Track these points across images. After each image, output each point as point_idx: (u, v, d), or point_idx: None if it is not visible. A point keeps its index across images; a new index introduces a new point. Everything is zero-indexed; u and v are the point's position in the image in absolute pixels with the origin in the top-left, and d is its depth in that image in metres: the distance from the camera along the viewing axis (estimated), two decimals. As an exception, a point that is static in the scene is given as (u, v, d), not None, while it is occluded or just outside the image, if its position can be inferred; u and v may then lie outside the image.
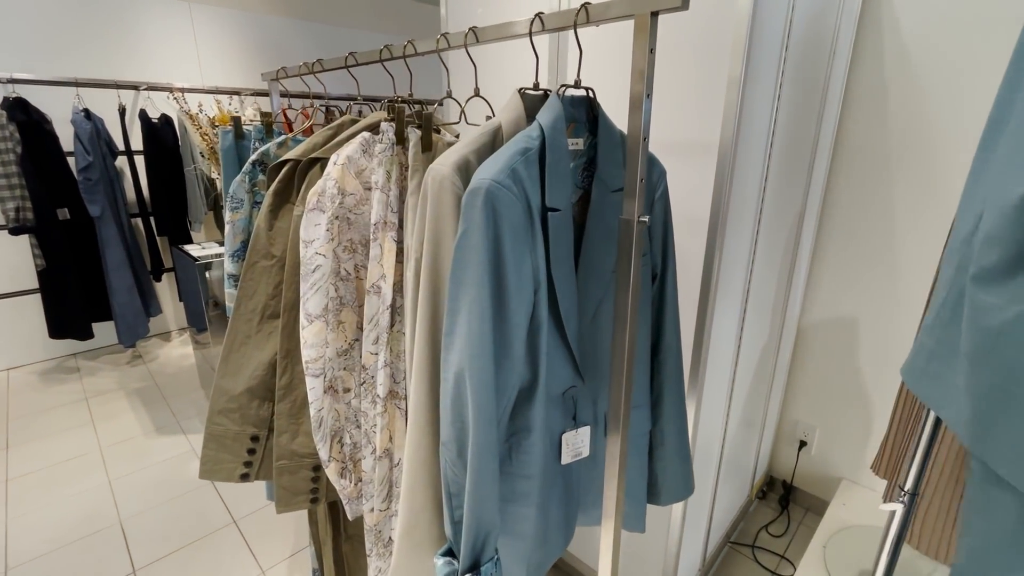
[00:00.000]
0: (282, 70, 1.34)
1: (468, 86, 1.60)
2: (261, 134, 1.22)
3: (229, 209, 1.13)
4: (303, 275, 0.85)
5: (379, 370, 0.86)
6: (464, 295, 0.63)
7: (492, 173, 0.61)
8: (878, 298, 1.76)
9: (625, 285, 0.73)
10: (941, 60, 1.50)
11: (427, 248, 0.69)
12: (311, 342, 0.87)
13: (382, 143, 0.83)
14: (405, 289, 0.85)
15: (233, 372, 1.06)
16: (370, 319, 0.85)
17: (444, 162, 0.67)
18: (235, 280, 1.18)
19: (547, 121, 0.68)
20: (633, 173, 0.70)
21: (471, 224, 0.61)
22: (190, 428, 2.59)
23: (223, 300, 2.52)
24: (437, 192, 0.67)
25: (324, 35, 4.04)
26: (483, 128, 0.73)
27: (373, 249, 0.83)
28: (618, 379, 0.79)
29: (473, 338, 0.63)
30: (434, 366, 0.72)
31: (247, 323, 1.05)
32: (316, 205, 0.84)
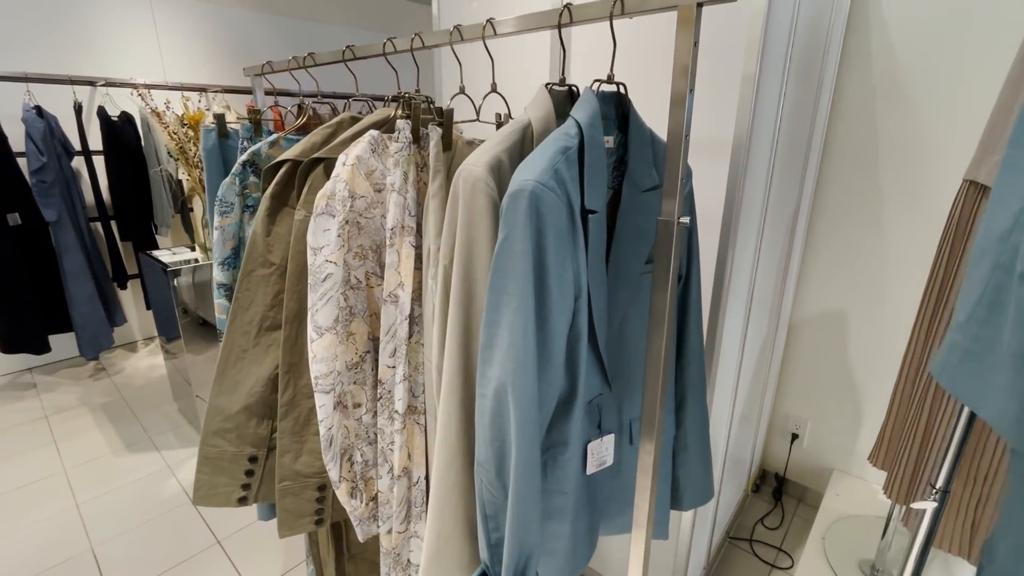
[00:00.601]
0: (268, 65, 1.26)
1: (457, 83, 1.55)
2: (249, 133, 1.14)
3: (218, 213, 1.05)
4: (312, 285, 0.79)
5: (397, 384, 0.81)
6: (506, 305, 0.59)
7: (535, 174, 0.57)
8: (866, 293, 1.80)
9: (664, 288, 0.70)
10: (927, 61, 1.53)
11: (459, 255, 0.64)
12: (321, 356, 0.81)
13: (398, 142, 0.77)
14: (424, 297, 0.80)
15: (229, 389, 0.98)
16: (387, 330, 0.80)
17: (477, 162, 0.63)
18: (225, 289, 1.10)
19: (584, 118, 0.64)
20: (674, 173, 0.66)
21: (514, 229, 0.57)
22: (164, 444, 2.45)
23: (194, 308, 2.39)
24: (470, 194, 0.62)
25: (293, 30, 3.90)
26: (511, 126, 0.69)
27: (389, 256, 0.77)
28: (654, 386, 0.76)
29: (516, 351, 0.59)
30: (466, 381, 0.68)
31: (243, 336, 0.97)
32: (325, 209, 0.77)
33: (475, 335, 0.66)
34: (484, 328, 0.61)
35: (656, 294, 0.72)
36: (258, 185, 1.08)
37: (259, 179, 1.09)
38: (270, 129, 1.19)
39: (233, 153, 1.23)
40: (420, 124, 0.79)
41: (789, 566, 1.80)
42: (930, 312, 1.35)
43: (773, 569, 1.79)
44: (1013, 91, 1.13)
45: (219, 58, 3.54)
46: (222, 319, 1.11)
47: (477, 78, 1.54)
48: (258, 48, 3.71)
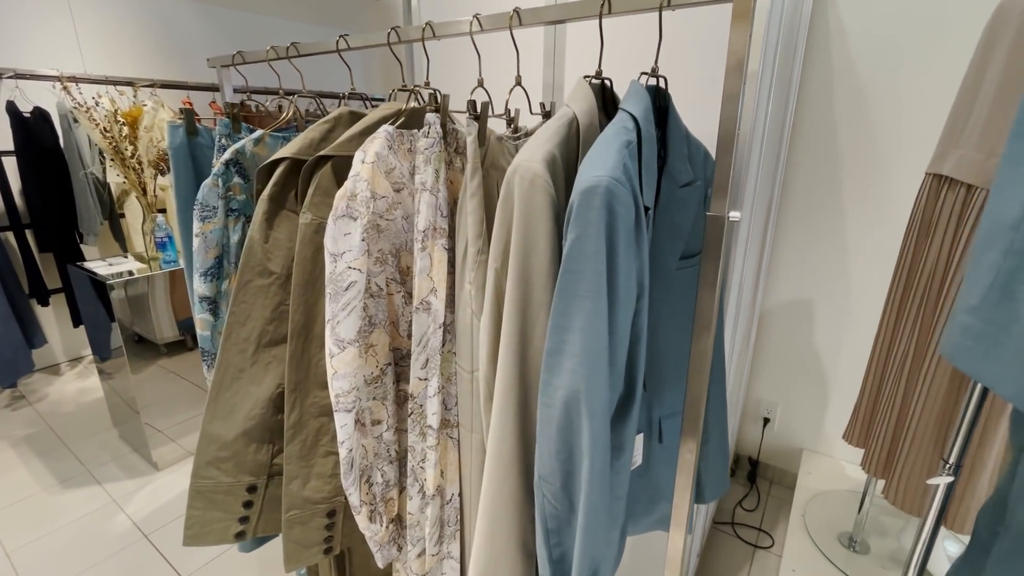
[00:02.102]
0: (239, 55, 1.15)
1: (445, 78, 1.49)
2: (228, 129, 1.03)
3: (198, 219, 0.94)
4: (332, 294, 0.72)
5: (430, 398, 0.75)
6: (578, 309, 0.55)
7: (608, 169, 0.54)
8: (831, 280, 1.90)
9: (712, 285, 0.69)
10: (882, 63, 1.64)
11: (514, 257, 0.60)
12: (344, 372, 0.74)
13: (428, 137, 0.71)
14: (458, 303, 0.75)
15: (225, 414, 0.89)
16: (419, 340, 0.74)
17: (533, 157, 0.59)
18: (208, 303, 0.99)
19: (639, 111, 0.62)
20: (725, 168, 0.66)
21: (587, 228, 0.54)
22: (106, 476, 2.22)
23: (129, 324, 2.18)
24: (527, 192, 0.58)
25: (230, 21, 3.64)
26: (557, 120, 0.66)
27: (420, 260, 0.72)
28: (698, 384, 0.75)
29: (590, 357, 0.56)
30: (523, 391, 0.63)
31: (240, 354, 0.88)
32: (346, 211, 0.71)
33: (531, 342, 0.63)
34: (552, 334, 0.57)
35: (703, 291, 0.71)
36: (243, 187, 0.98)
37: (244, 180, 0.98)
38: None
39: (204, 152, 1.11)
40: (448, 118, 0.74)
41: (770, 545, 1.88)
42: (899, 298, 1.44)
43: (756, 549, 1.86)
44: (970, 93, 1.22)
45: (146, 50, 3.25)
46: (204, 336, 1.00)
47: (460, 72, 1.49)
48: (190, 40, 3.44)
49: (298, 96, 1.09)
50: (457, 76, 1.51)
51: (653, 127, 0.63)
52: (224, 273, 0.99)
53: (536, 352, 0.63)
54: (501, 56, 1.31)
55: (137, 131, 2.05)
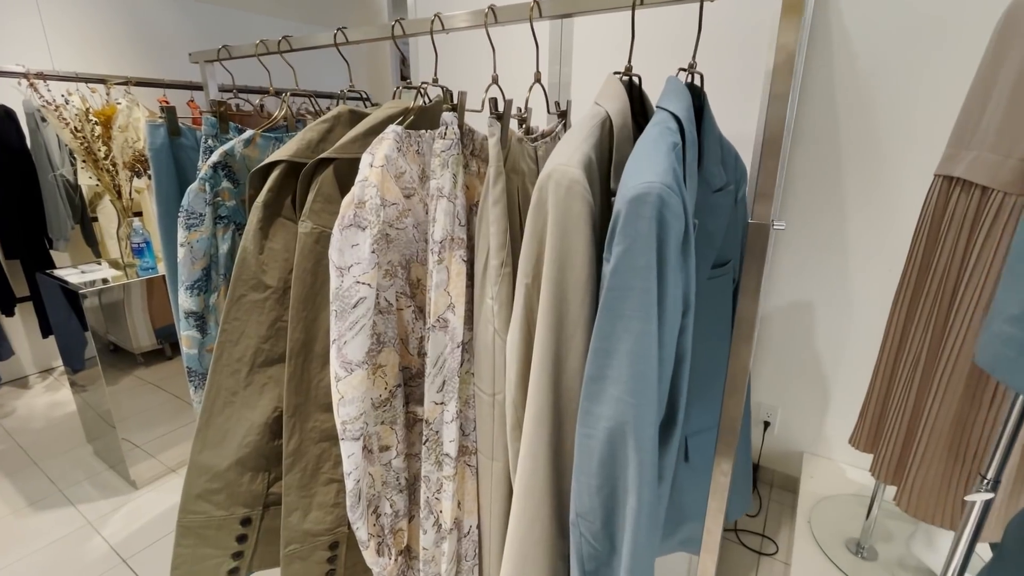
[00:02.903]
0: (224, 50, 1.07)
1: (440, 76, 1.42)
2: (214, 129, 0.95)
3: (183, 227, 0.86)
4: (338, 312, 0.65)
5: (447, 424, 0.69)
6: (625, 331, 0.50)
7: (658, 174, 0.48)
8: (832, 282, 1.88)
9: (754, 296, 0.64)
10: (884, 63, 1.62)
11: (549, 271, 0.54)
12: (351, 397, 0.67)
13: (445, 138, 0.65)
14: (477, 320, 0.68)
15: (216, 442, 0.81)
16: (435, 361, 0.67)
17: (569, 161, 0.53)
18: (195, 319, 0.91)
19: (682, 111, 0.57)
20: (772, 172, 0.61)
21: (636, 241, 0.48)
22: (80, 496, 2.09)
23: (104, 332, 2.06)
24: (564, 199, 0.53)
25: (208, 16, 3.50)
26: (589, 120, 0.60)
27: (436, 273, 0.65)
28: (735, 404, 0.70)
29: (638, 384, 0.50)
30: (557, 420, 0.58)
31: (232, 376, 0.80)
32: (354, 220, 0.64)
33: (566, 364, 0.57)
34: (594, 358, 0.51)
35: (744, 304, 0.66)
36: (233, 192, 0.91)
37: (234, 184, 0.91)
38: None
39: (187, 153, 1.03)
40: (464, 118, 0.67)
41: (775, 552, 1.86)
42: (908, 301, 1.42)
43: (761, 556, 1.83)
44: (982, 93, 1.20)
45: (119, 45, 3.10)
46: (191, 354, 0.92)
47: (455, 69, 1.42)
48: (165, 36, 3.30)
49: (290, 94, 1.01)
50: (454, 74, 1.45)
51: (694, 127, 0.58)
52: (212, 286, 0.91)
53: (572, 376, 0.57)
54: (501, 53, 1.25)
55: (111, 131, 1.93)
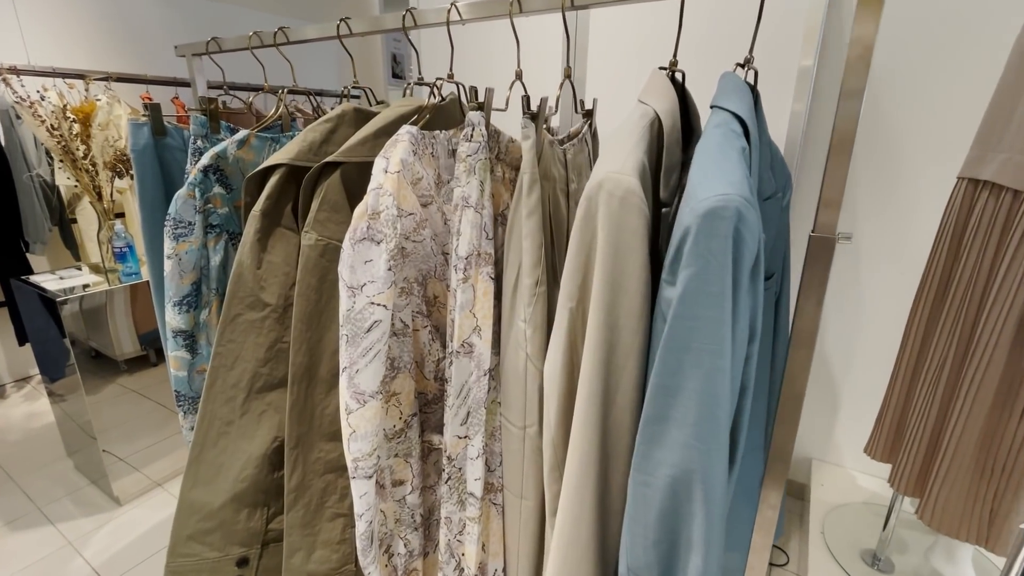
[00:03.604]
0: (214, 42, 0.99)
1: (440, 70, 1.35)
2: (204, 129, 0.86)
3: (170, 237, 0.78)
4: (349, 336, 0.58)
5: (471, 461, 0.62)
6: (694, 366, 0.43)
7: (735, 185, 0.41)
8: (843, 286, 1.84)
9: (814, 316, 0.58)
10: (897, 62, 1.57)
11: (600, 295, 0.47)
12: (364, 431, 0.60)
13: (471, 141, 0.58)
14: (506, 345, 0.61)
15: (209, 478, 0.73)
16: (458, 391, 0.60)
17: (623, 168, 0.46)
18: (184, 338, 0.83)
19: (744, 111, 0.50)
20: (839, 180, 0.54)
21: (709, 263, 0.41)
22: (60, 514, 1.99)
23: (85, 339, 1.96)
24: (618, 212, 0.46)
25: (191, 8, 3.38)
26: (638, 120, 0.53)
27: (462, 293, 0.58)
28: (787, 431, 0.64)
29: (708, 428, 0.43)
30: (602, 462, 0.51)
31: (227, 404, 0.72)
32: (367, 233, 0.56)
33: (615, 399, 0.50)
34: (655, 396, 0.45)
35: (802, 323, 0.59)
36: (225, 198, 0.82)
37: (226, 190, 0.82)
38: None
39: (174, 154, 0.94)
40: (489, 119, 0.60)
41: (785, 562, 1.81)
42: (929, 307, 1.37)
43: (772, 567, 1.79)
44: (1011, 94, 1.15)
45: (98, 39, 2.97)
46: (180, 377, 0.84)
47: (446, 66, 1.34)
48: (147, 30, 3.18)
49: (287, 91, 0.93)
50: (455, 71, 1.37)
51: (758, 131, 0.51)
52: (203, 301, 0.83)
53: (621, 412, 0.50)
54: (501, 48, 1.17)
55: (90, 128, 1.83)
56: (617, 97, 1.07)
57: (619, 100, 1.26)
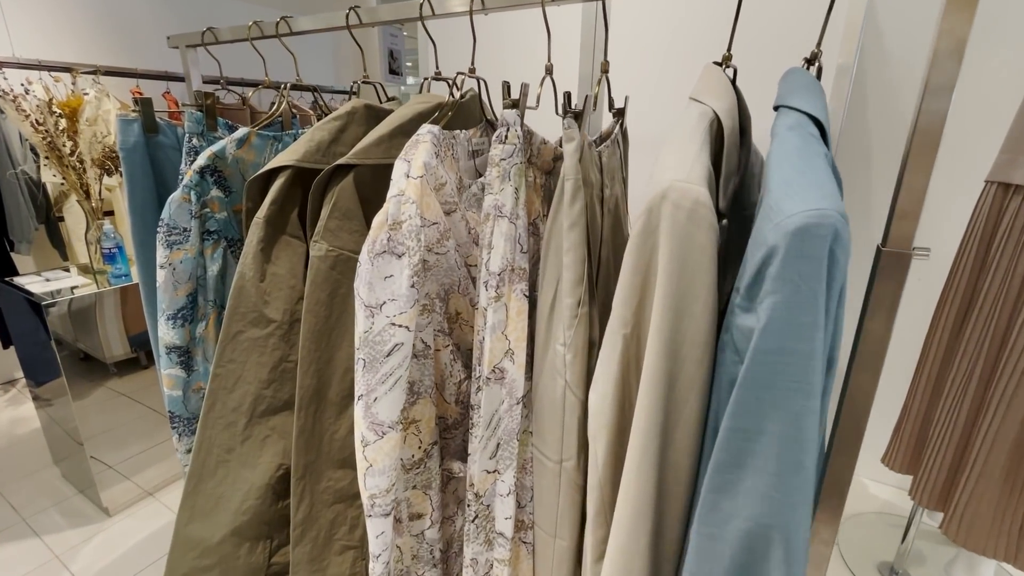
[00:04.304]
0: (210, 32, 0.92)
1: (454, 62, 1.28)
2: (200, 126, 0.80)
3: (163, 244, 0.71)
4: (367, 361, 0.51)
5: (500, 498, 0.56)
6: (777, 407, 0.37)
7: (827, 198, 0.35)
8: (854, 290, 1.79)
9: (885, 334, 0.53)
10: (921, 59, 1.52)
11: (660, 321, 0.41)
12: (382, 466, 0.53)
13: (506, 143, 0.51)
14: (541, 370, 0.55)
15: (207, 510, 0.66)
16: (488, 421, 0.54)
17: (690, 176, 0.40)
18: (178, 355, 0.76)
19: (820, 112, 0.44)
20: (919, 187, 0.49)
21: (801, 289, 0.35)
22: (46, 526, 1.91)
23: (73, 340, 1.88)
24: (685, 227, 0.40)
25: (179, 2, 3.28)
26: (697, 120, 0.47)
27: (493, 313, 0.52)
28: (848, 461, 0.58)
29: (793, 476, 0.38)
30: (657, 507, 0.45)
31: (227, 430, 0.66)
32: (388, 246, 0.50)
33: (675, 438, 0.44)
34: (729, 438, 0.39)
35: (868, 344, 0.54)
36: (224, 201, 0.76)
37: (225, 193, 0.76)
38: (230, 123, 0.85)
39: (166, 153, 0.87)
40: (523, 117, 0.54)
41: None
42: (954, 315, 1.32)
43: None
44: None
45: (87, 31, 2.88)
46: (174, 397, 0.77)
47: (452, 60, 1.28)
48: (137, 22, 3.08)
49: (289, 86, 0.86)
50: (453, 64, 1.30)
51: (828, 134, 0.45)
52: (199, 314, 0.76)
53: (679, 452, 0.44)
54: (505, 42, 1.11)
55: (77, 124, 1.74)
56: (639, 95, 1.00)
57: (642, 97, 1.20)
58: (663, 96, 1.35)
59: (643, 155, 0.88)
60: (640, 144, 0.94)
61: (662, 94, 1.36)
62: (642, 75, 1.20)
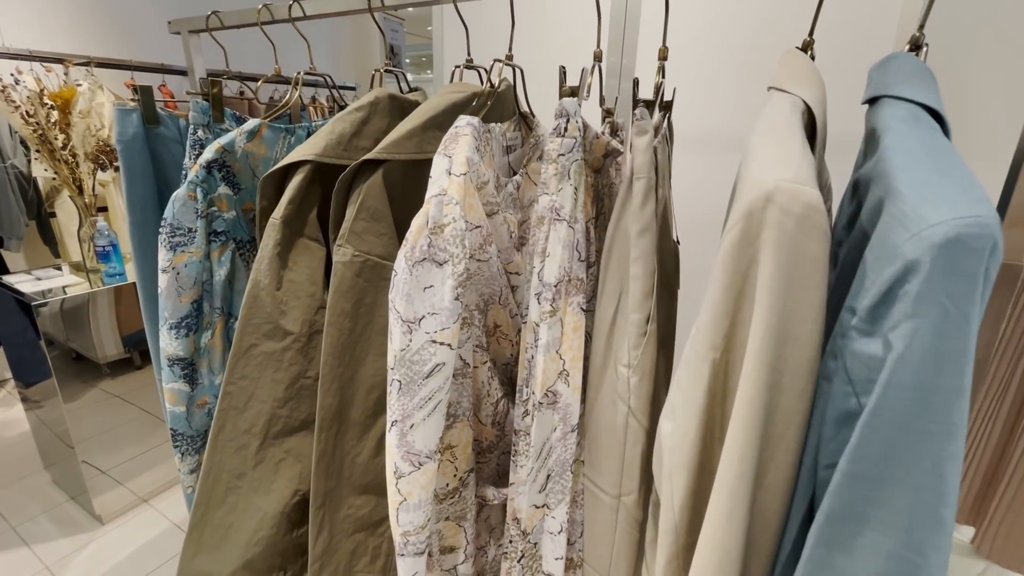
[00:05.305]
0: (215, 16, 0.85)
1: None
2: (206, 117, 0.73)
3: (165, 246, 0.64)
4: (404, 383, 0.45)
5: (550, 535, 0.50)
6: (914, 451, 0.31)
7: (981, 203, 0.30)
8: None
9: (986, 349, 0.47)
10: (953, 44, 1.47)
11: (761, 344, 0.35)
12: (418, 500, 0.47)
13: (565, 136, 0.45)
14: (598, 391, 0.49)
15: (215, 543, 0.60)
16: (539, 450, 0.48)
17: (799, 175, 0.34)
18: (181, 367, 0.69)
19: (939, 105, 0.38)
20: (1037, 191, 0.43)
21: (951, 313, 0.29)
22: (36, 534, 1.83)
23: (64, 340, 1.80)
24: (795, 236, 0.34)
25: (179, -8, 3.19)
26: (789, 111, 0.41)
27: (548, 330, 0.46)
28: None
29: (930, 533, 0.32)
30: (743, 558, 0.39)
31: (238, 453, 0.59)
32: (428, 253, 0.44)
33: (768, 479, 0.38)
34: (845, 486, 0.33)
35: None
36: (232, 199, 0.69)
37: (233, 190, 0.69)
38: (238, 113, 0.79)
39: (167, 146, 0.80)
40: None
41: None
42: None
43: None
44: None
45: (80, 20, 2.79)
46: (177, 413, 0.70)
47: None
48: (133, 11, 2.99)
49: (304, 74, 0.80)
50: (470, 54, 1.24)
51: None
52: (204, 322, 0.70)
53: (770, 495, 0.39)
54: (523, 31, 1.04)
55: (69, 116, 1.67)
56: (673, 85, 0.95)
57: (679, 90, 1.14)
58: (701, 90, 1.29)
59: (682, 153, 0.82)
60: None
61: (701, 88, 1.30)
62: (676, 64, 1.13)
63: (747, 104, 1.04)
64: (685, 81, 1.28)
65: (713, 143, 1.30)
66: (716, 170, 1.06)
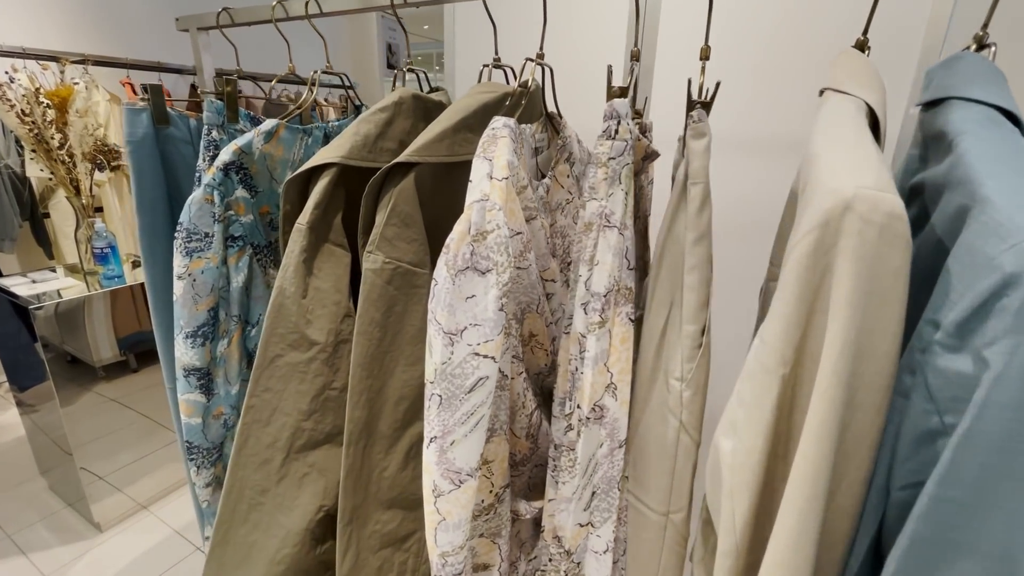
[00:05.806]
0: (225, 13, 0.82)
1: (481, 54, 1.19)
2: (220, 117, 0.70)
3: (183, 253, 0.62)
4: (445, 398, 0.43)
5: (596, 555, 0.48)
6: (1012, 477, 0.29)
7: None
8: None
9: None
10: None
11: (835, 360, 0.33)
12: (457, 519, 0.45)
13: (615, 139, 0.43)
14: (645, 404, 0.47)
15: (236, 562, 0.58)
16: (585, 467, 0.46)
17: (879, 182, 0.32)
18: (198, 377, 0.67)
19: (1014, 107, 0.37)
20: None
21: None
22: (33, 542, 1.79)
23: (59, 342, 1.76)
24: (876, 246, 0.32)
25: (175, -11, 3.14)
26: (855, 113, 0.39)
27: (596, 341, 0.44)
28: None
29: (1022, 563, 0.30)
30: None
31: (262, 468, 0.57)
32: (471, 261, 0.42)
33: (837, 501, 0.36)
34: (934, 510, 0.31)
35: None
36: (250, 203, 0.66)
37: (251, 193, 0.66)
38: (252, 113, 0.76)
39: (177, 147, 0.77)
40: (628, 108, 0.46)
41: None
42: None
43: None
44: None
45: (76, 17, 2.74)
46: (193, 425, 0.68)
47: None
48: (130, 9, 2.94)
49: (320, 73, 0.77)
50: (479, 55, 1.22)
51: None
52: (221, 331, 0.67)
53: (839, 515, 0.37)
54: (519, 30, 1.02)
55: (67, 115, 1.63)
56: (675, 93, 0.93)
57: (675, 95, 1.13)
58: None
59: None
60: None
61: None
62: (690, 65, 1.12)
63: (762, 106, 1.03)
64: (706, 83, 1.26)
65: (726, 145, 1.28)
66: (736, 173, 1.04)
